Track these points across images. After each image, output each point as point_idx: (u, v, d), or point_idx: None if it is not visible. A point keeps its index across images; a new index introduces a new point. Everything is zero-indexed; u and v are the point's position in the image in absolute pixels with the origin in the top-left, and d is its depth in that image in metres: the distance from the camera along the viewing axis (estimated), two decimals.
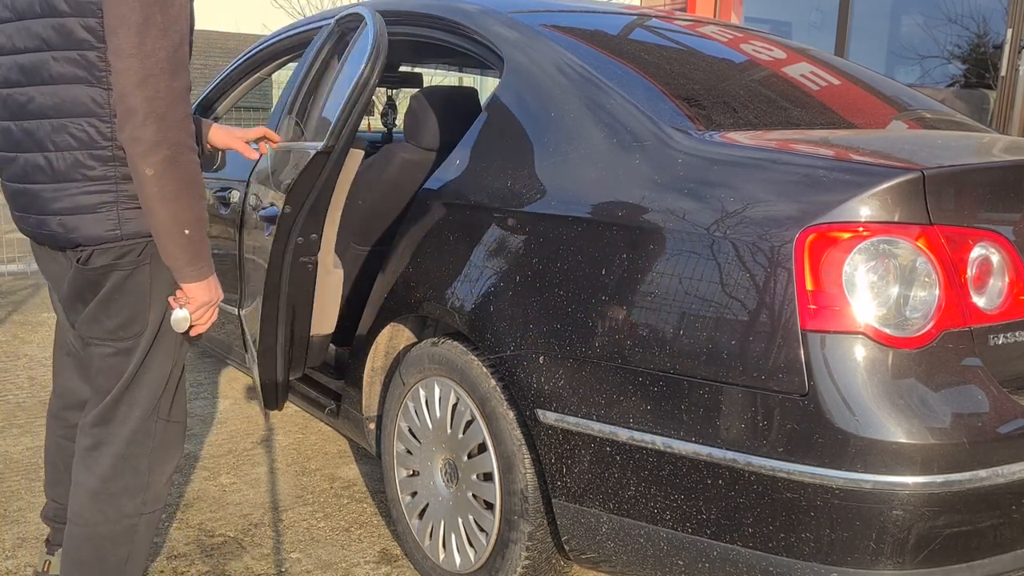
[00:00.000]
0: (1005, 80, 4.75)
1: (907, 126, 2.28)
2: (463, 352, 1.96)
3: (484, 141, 2.05)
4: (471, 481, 1.97)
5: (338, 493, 2.66)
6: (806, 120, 2.00)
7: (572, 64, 1.96)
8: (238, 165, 2.98)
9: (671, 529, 1.59)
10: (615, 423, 1.64)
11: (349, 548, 2.34)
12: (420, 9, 2.43)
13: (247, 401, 3.47)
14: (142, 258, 1.60)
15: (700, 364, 1.52)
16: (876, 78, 2.55)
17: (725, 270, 1.51)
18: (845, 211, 1.43)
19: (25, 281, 5.45)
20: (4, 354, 3.95)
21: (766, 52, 2.42)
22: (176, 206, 1.49)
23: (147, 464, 1.69)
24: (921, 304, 1.44)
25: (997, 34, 5.04)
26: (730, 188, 1.57)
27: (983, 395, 1.43)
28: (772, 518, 1.46)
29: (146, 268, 1.60)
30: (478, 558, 1.97)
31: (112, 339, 1.64)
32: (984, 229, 1.52)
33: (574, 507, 1.74)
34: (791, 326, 1.43)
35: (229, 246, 2.93)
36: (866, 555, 1.40)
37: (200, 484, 2.69)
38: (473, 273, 1.91)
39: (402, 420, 2.20)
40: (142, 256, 1.60)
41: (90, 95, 1.51)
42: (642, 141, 1.74)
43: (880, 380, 1.40)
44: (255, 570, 2.21)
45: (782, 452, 1.43)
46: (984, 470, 1.39)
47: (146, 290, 1.61)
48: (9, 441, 2.95)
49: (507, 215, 1.88)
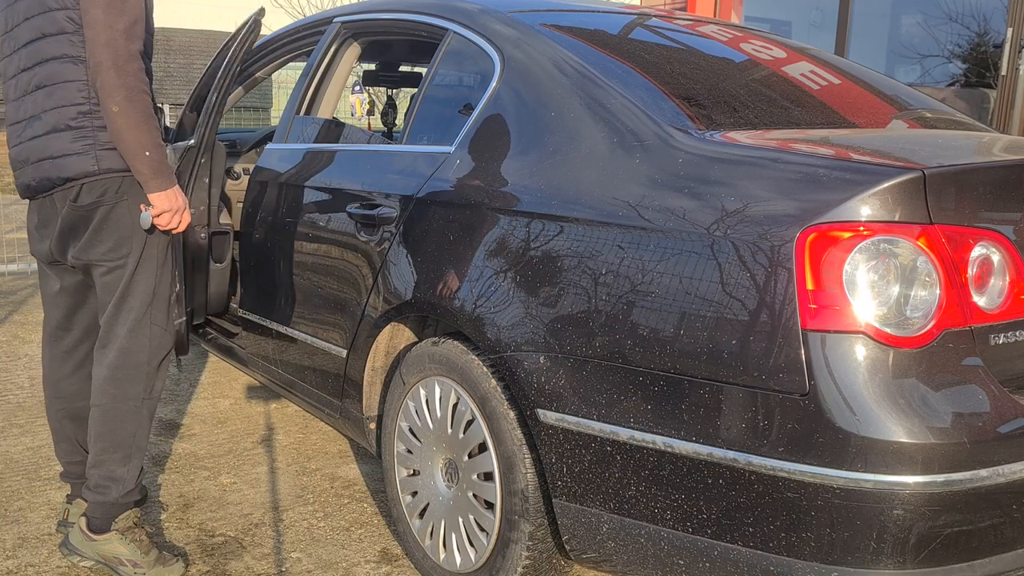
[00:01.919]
0: (1005, 79, 4.75)
1: (907, 125, 2.28)
2: (463, 352, 1.96)
3: (484, 140, 2.05)
4: (472, 481, 1.97)
5: (338, 493, 2.66)
6: (806, 120, 2.00)
7: (572, 63, 1.96)
8: None
9: (672, 529, 1.59)
10: (616, 423, 1.64)
11: (349, 548, 2.34)
12: (420, 9, 2.43)
13: (247, 401, 3.47)
14: (119, 195, 2.06)
15: (701, 364, 1.52)
16: (876, 77, 2.54)
17: (725, 269, 1.51)
18: (846, 210, 1.43)
19: (25, 281, 5.45)
20: (4, 354, 3.95)
21: (766, 51, 2.42)
22: (137, 133, 1.96)
23: (146, 357, 2.14)
24: (922, 303, 1.44)
25: (997, 33, 5.04)
26: (730, 187, 1.56)
27: (984, 394, 1.43)
28: (773, 518, 1.46)
29: (125, 203, 2.07)
30: (479, 558, 1.97)
31: (106, 260, 2.09)
32: (985, 228, 1.52)
33: (575, 507, 1.74)
34: (791, 326, 1.43)
35: None
36: (867, 555, 1.40)
37: (200, 484, 2.69)
38: (473, 273, 1.91)
39: (402, 420, 2.19)
40: (119, 193, 2.06)
41: (72, 66, 2.01)
42: (643, 140, 1.73)
43: (881, 380, 1.39)
44: (255, 570, 2.21)
45: (783, 452, 1.43)
46: (985, 469, 1.39)
47: (127, 221, 2.07)
48: (9, 441, 2.95)
49: (507, 214, 1.88)
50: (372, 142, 2.56)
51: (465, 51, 2.28)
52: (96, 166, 2.03)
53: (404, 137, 2.39)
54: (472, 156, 2.06)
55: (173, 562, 2.17)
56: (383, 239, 2.21)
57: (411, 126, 2.40)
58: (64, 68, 2.02)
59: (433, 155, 2.17)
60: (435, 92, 2.39)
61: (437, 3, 2.41)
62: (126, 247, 2.08)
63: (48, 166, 2.05)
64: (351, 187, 2.38)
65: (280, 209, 2.67)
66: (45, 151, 2.04)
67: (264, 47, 3.25)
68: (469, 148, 2.08)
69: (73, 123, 2.02)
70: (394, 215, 2.18)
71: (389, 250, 2.19)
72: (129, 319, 2.12)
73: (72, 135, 2.02)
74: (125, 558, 2.12)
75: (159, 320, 2.16)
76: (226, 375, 3.79)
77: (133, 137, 1.96)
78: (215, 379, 3.74)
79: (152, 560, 2.13)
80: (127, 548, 2.13)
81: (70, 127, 2.02)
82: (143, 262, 2.10)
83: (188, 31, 12.43)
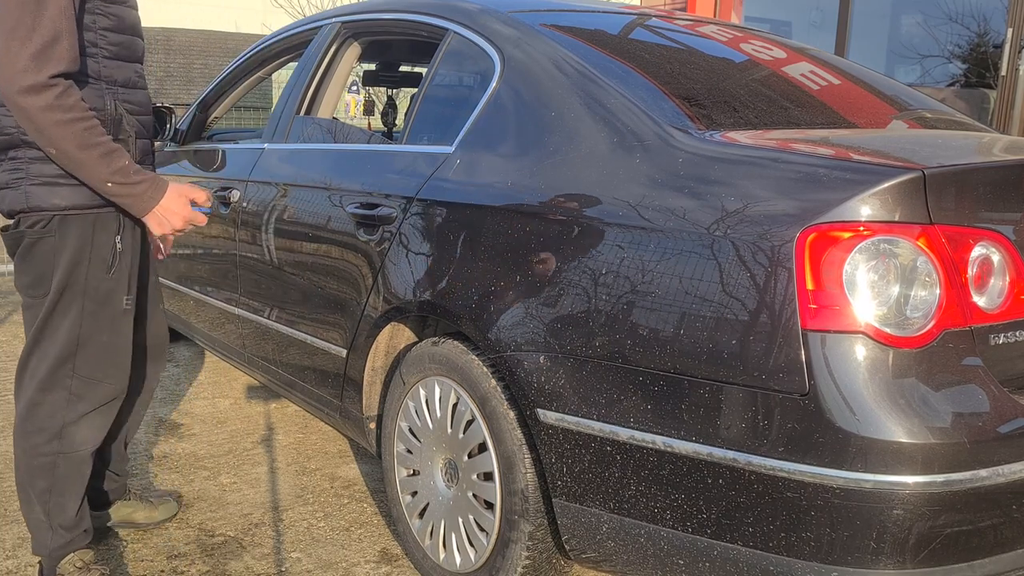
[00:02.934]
0: (1005, 79, 4.75)
1: (907, 126, 2.28)
2: (463, 352, 1.96)
3: (484, 140, 2.05)
4: (471, 481, 1.97)
5: (338, 492, 2.66)
6: (806, 120, 2.00)
7: (572, 63, 1.96)
8: (238, 165, 2.98)
9: (671, 528, 1.59)
10: (615, 423, 1.64)
11: (349, 548, 2.34)
12: (420, 9, 2.43)
13: (247, 401, 3.47)
14: (47, 231, 1.86)
15: (700, 363, 1.52)
16: (876, 77, 2.55)
17: (725, 269, 1.51)
18: (846, 210, 1.43)
19: None
20: (4, 354, 3.95)
21: (766, 52, 2.42)
22: (86, 173, 1.78)
23: (62, 412, 1.93)
24: (922, 303, 1.44)
25: (997, 33, 5.04)
26: (731, 187, 1.57)
27: (984, 395, 1.43)
28: (772, 518, 1.46)
29: (51, 240, 1.87)
30: (478, 558, 1.97)
31: (25, 294, 1.93)
32: (985, 228, 1.52)
33: (574, 507, 1.74)
34: (791, 325, 1.43)
35: (229, 246, 2.93)
36: (866, 555, 1.40)
37: (200, 484, 2.69)
38: (473, 273, 1.91)
39: (402, 420, 2.20)
40: (47, 228, 1.86)
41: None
42: (643, 140, 1.74)
43: (881, 380, 1.39)
44: (255, 570, 2.21)
45: (782, 452, 1.43)
46: (985, 469, 1.39)
47: (50, 259, 1.87)
48: (10, 441, 2.95)
49: (507, 214, 1.88)
50: (372, 142, 2.57)
51: (465, 51, 2.28)
52: (25, 204, 1.85)
53: (404, 137, 2.39)
54: (472, 156, 2.06)
55: None
56: (383, 239, 2.21)
57: (411, 126, 2.40)
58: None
59: (433, 155, 2.17)
60: (435, 92, 2.39)
61: (437, 3, 2.41)
62: (43, 287, 1.89)
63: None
64: (351, 187, 2.38)
65: (280, 209, 2.67)
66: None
67: (265, 47, 3.25)
68: (469, 148, 2.08)
69: (9, 153, 1.87)
70: (394, 215, 2.18)
71: (389, 250, 2.19)
72: (40, 369, 1.91)
73: (7, 167, 1.87)
74: None
75: (86, 371, 1.93)
76: (226, 375, 3.79)
77: (83, 175, 1.79)
78: (215, 379, 3.74)
79: None
80: None
81: (8, 157, 1.87)
82: (63, 306, 1.89)
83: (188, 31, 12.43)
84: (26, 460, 1.95)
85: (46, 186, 1.84)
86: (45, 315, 1.89)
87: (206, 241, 3.13)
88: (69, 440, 1.96)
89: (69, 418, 1.94)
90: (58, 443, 1.94)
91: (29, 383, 1.93)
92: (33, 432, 1.94)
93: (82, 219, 1.87)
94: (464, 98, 2.32)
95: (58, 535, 1.99)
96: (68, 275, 1.88)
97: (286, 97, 2.86)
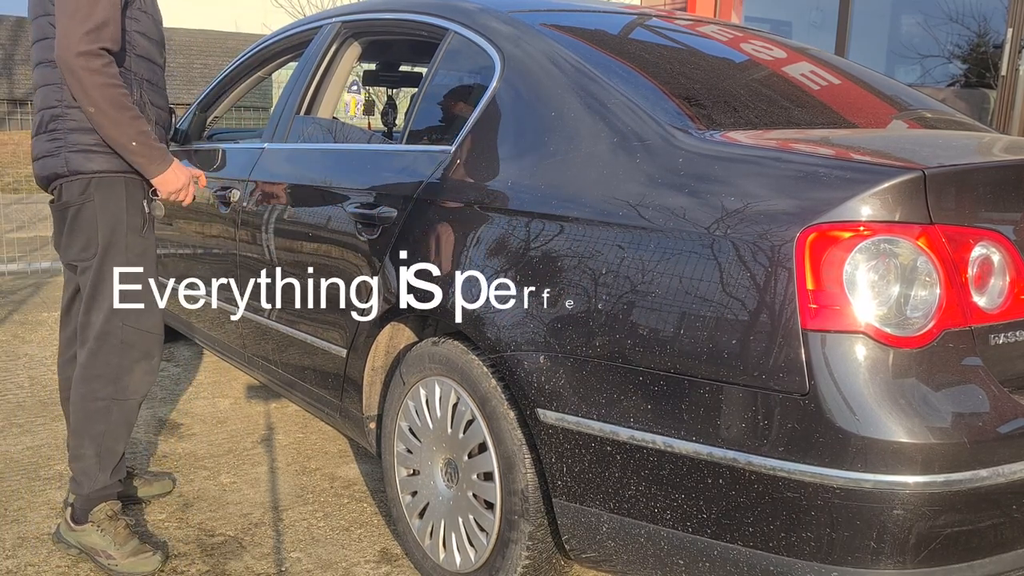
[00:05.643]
0: (1005, 80, 4.74)
1: (907, 126, 2.28)
2: (463, 352, 1.96)
3: (484, 140, 2.05)
4: (471, 481, 1.97)
5: (338, 492, 2.66)
6: (807, 119, 2.00)
7: (572, 63, 1.96)
8: (238, 164, 2.98)
9: (671, 528, 1.59)
10: (615, 422, 1.63)
11: (349, 547, 2.34)
12: (420, 8, 2.43)
13: (247, 401, 3.47)
14: (86, 196, 2.14)
15: (701, 363, 1.52)
16: (876, 78, 2.54)
17: (726, 269, 1.51)
18: (846, 210, 1.43)
19: (25, 281, 5.45)
20: (4, 354, 3.95)
21: (766, 52, 2.42)
22: (116, 128, 2.07)
23: (116, 358, 2.20)
24: (922, 303, 1.44)
25: (997, 33, 5.04)
26: (731, 187, 1.56)
27: (984, 395, 1.43)
28: (773, 517, 1.46)
29: (91, 205, 2.15)
30: (478, 557, 1.97)
31: (79, 260, 2.20)
32: (985, 228, 1.52)
33: (574, 506, 1.74)
34: (792, 325, 1.43)
35: (229, 245, 2.93)
36: (867, 554, 1.40)
37: (200, 483, 2.69)
38: (473, 273, 1.91)
39: (402, 419, 2.19)
40: (85, 194, 2.14)
41: (50, 70, 2.12)
42: (643, 140, 1.73)
43: (881, 379, 1.39)
44: (255, 569, 2.21)
45: (783, 451, 1.43)
46: (985, 470, 1.39)
47: (93, 223, 2.16)
48: (9, 441, 2.95)
49: (507, 214, 1.88)
50: (372, 142, 2.56)
51: (465, 51, 2.28)
52: (65, 168, 2.13)
53: (404, 137, 2.39)
54: (472, 155, 2.06)
55: (149, 554, 2.20)
56: (383, 239, 2.21)
57: (411, 126, 2.40)
58: (47, 72, 2.14)
59: (433, 154, 2.17)
60: (435, 92, 2.39)
61: (437, 3, 2.40)
62: (92, 248, 2.17)
63: (37, 166, 2.19)
64: (351, 186, 2.38)
65: (280, 208, 2.67)
66: (35, 151, 2.19)
67: (265, 47, 3.25)
68: (469, 147, 2.08)
69: (49, 125, 2.14)
70: (394, 215, 2.18)
71: (389, 250, 2.19)
72: (98, 320, 2.18)
73: (47, 137, 2.14)
74: (100, 548, 2.20)
75: (131, 320, 2.20)
76: (226, 375, 3.79)
77: (114, 132, 2.07)
78: (215, 379, 3.74)
79: (127, 552, 2.19)
80: (101, 539, 2.20)
81: (47, 129, 2.15)
82: (107, 262, 2.17)
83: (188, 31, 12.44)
84: (83, 405, 2.21)
85: (83, 153, 2.12)
86: (96, 272, 2.17)
87: (206, 241, 3.13)
88: (123, 387, 2.22)
89: (124, 364, 2.20)
90: (113, 388, 2.20)
91: (89, 334, 2.19)
92: (92, 378, 2.19)
93: (114, 181, 2.15)
94: (464, 98, 2.32)
95: (103, 476, 2.23)
96: (110, 235, 2.16)
97: (286, 97, 2.86)
